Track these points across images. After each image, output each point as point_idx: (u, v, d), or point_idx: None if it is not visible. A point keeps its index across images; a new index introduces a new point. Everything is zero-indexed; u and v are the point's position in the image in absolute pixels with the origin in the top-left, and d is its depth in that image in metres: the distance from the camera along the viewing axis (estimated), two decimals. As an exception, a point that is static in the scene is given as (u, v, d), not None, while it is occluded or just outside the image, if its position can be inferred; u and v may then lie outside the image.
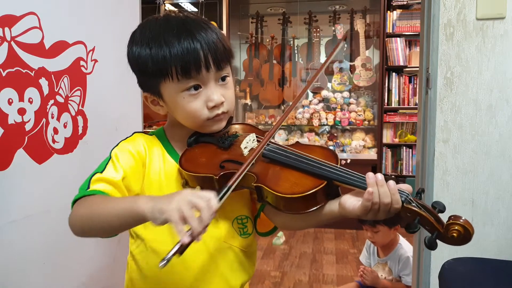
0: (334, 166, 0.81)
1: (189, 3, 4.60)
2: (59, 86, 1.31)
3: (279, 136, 4.35)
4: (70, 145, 1.37)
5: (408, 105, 4.11)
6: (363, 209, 0.75)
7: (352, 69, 4.24)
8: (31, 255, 1.23)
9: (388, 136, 4.19)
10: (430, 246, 0.73)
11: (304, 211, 0.79)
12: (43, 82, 1.25)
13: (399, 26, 4.10)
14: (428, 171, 1.60)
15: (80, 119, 1.42)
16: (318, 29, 4.35)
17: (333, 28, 4.34)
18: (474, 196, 1.56)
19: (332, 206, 0.81)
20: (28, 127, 1.20)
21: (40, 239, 1.25)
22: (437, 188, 1.58)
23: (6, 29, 1.12)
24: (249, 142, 0.89)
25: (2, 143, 1.12)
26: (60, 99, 1.32)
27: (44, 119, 1.25)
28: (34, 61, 1.22)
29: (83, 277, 1.45)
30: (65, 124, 1.35)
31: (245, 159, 0.81)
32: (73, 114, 1.38)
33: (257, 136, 0.91)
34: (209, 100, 0.86)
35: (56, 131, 1.31)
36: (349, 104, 4.25)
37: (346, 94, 4.29)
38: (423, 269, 1.63)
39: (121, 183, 0.83)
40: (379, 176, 0.76)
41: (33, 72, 1.21)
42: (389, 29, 4.08)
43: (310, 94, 4.51)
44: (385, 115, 4.12)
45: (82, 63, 1.42)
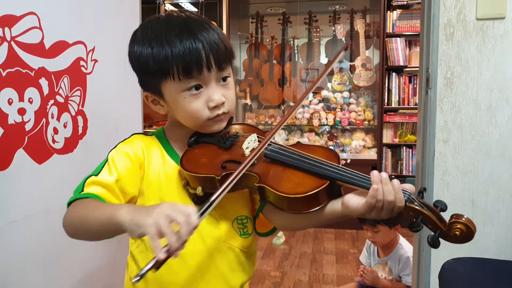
0: (336, 166, 0.81)
1: (189, 3, 4.60)
2: (59, 86, 1.31)
3: (279, 136, 4.35)
4: (70, 145, 1.37)
5: (408, 105, 4.11)
6: (367, 206, 0.75)
7: (352, 69, 4.24)
8: (31, 255, 1.23)
9: (388, 136, 4.19)
10: (433, 244, 0.74)
11: (307, 211, 0.79)
12: (43, 82, 1.25)
13: (399, 26, 4.10)
14: (428, 171, 1.60)
15: (80, 119, 1.42)
16: (318, 29, 4.34)
17: (333, 28, 4.34)
18: (474, 196, 1.56)
19: (334, 206, 0.81)
20: (28, 127, 1.20)
21: (40, 239, 1.25)
22: (437, 188, 1.58)
23: (6, 29, 1.12)
24: (250, 142, 0.89)
25: (2, 143, 1.12)
26: (60, 99, 1.32)
27: (44, 119, 1.25)
28: (34, 61, 1.22)
29: (83, 277, 1.45)
30: (65, 124, 1.35)
31: (247, 160, 0.81)
32: (73, 114, 1.38)
33: (258, 136, 0.91)
34: (210, 100, 0.86)
35: (56, 131, 1.31)
36: (349, 104, 4.25)
37: (346, 94, 4.30)
38: (423, 269, 1.63)
39: (114, 186, 0.83)
40: (384, 174, 0.77)
41: (33, 72, 1.21)
42: (389, 29, 4.08)
43: (310, 94, 4.51)
44: (385, 115, 4.12)
45: (82, 63, 1.42)
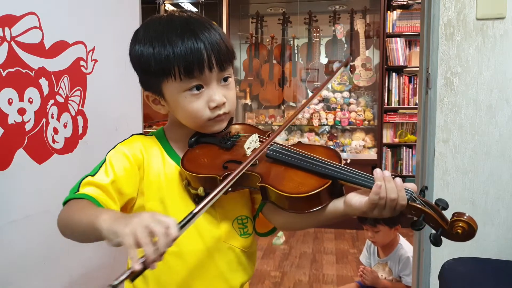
0: (338, 165, 0.81)
1: (189, 3, 4.60)
2: (59, 86, 1.31)
3: (279, 136, 4.34)
4: (70, 145, 1.37)
5: (408, 105, 4.11)
6: (370, 204, 0.75)
7: (352, 69, 4.24)
8: (31, 255, 1.23)
9: (388, 136, 4.19)
10: (435, 242, 0.74)
11: (309, 210, 0.80)
12: (43, 82, 1.25)
13: (399, 26, 4.10)
14: (428, 171, 1.60)
15: (80, 119, 1.42)
16: (318, 29, 4.34)
17: (333, 28, 4.34)
18: (474, 196, 1.56)
19: (336, 205, 0.81)
20: (28, 127, 1.20)
21: (40, 239, 1.25)
22: (437, 188, 1.58)
23: (6, 29, 1.13)
24: (252, 143, 0.89)
25: (2, 143, 1.12)
26: (60, 99, 1.32)
27: (44, 119, 1.25)
28: (34, 61, 1.22)
29: (83, 277, 1.45)
30: (65, 124, 1.35)
31: (247, 160, 0.81)
32: (73, 114, 1.38)
33: (259, 137, 0.91)
34: (211, 100, 0.86)
35: (56, 131, 1.31)
36: (349, 104, 4.25)
37: (346, 94, 4.30)
38: (423, 269, 1.63)
39: (109, 187, 0.83)
40: (386, 172, 0.77)
41: (33, 72, 1.21)
42: (389, 29, 4.08)
43: (310, 94, 4.51)
44: (385, 115, 4.12)
45: (82, 63, 1.42)
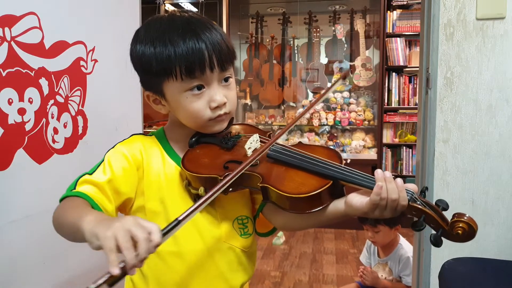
0: (339, 165, 0.81)
1: (189, 3, 4.60)
2: (59, 86, 1.31)
3: (279, 136, 4.34)
4: (70, 145, 1.37)
5: (408, 105, 4.11)
6: (371, 204, 0.75)
7: (352, 69, 4.24)
8: (31, 254, 1.23)
9: (388, 136, 4.19)
10: (436, 243, 0.74)
11: (309, 211, 0.80)
12: (43, 82, 1.25)
13: (399, 26, 4.10)
14: (428, 171, 1.60)
15: (80, 119, 1.42)
16: (318, 29, 4.34)
17: (333, 28, 4.34)
18: (474, 196, 1.56)
19: (337, 205, 0.81)
20: (28, 127, 1.20)
21: (40, 239, 1.25)
22: (437, 188, 1.58)
23: (6, 29, 1.13)
24: (252, 143, 0.88)
25: (2, 143, 1.12)
26: (60, 99, 1.32)
27: (44, 119, 1.25)
28: (34, 61, 1.22)
29: (83, 277, 1.45)
30: (65, 124, 1.35)
31: (248, 160, 0.81)
32: (73, 114, 1.38)
33: (260, 137, 0.91)
34: (212, 100, 0.86)
35: (56, 131, 1.31)
36: (349, 104, 4.25)
37: (346, 94, 4.30)
38: (423, 269, 1.63)
39: (105, 186, 0.82)
40: (387, 173, 0.77)
41: (33, 72, 1.21)
42: (389, 29, 4.08)
43: (310, 94, 4.52)
44: (385, 115, 4.12)
45: (82, 63, 1.42)
